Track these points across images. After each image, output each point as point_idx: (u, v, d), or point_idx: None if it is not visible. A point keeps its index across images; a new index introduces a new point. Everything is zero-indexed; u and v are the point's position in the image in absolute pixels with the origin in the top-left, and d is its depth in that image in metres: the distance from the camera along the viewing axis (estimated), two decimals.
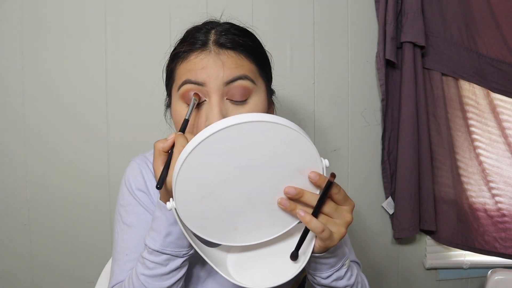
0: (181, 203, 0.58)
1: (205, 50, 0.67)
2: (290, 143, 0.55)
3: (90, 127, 1.16)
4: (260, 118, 0.54)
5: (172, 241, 0.63)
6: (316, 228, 0.57)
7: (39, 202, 1.15)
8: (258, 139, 0.55)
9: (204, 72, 0.66)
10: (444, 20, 1.26)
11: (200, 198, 0.58)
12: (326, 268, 0.66)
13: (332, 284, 0.67)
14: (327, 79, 1.29)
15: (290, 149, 0.56)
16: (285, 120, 0.55)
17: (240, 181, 0.57)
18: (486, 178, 1.32)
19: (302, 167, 0.57)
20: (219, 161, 0.55)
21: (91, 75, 1.16)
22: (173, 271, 0.65)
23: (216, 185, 0.57)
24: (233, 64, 0.67)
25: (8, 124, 1.13)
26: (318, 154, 0.57)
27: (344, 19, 1.29)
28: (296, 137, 0.55)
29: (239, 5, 1.21)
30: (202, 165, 0.55)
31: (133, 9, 1.17)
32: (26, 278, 1.16)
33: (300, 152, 0.56)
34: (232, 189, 0.58)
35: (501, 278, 1.16)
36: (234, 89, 0.66)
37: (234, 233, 0.62)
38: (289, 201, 0.58)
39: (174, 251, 0.64)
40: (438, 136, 1.29)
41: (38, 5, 1.13)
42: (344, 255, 0.67)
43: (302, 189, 0.58)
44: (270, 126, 0.54)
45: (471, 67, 1.27)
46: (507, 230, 1.31)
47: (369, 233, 1.35)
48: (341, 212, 0.60)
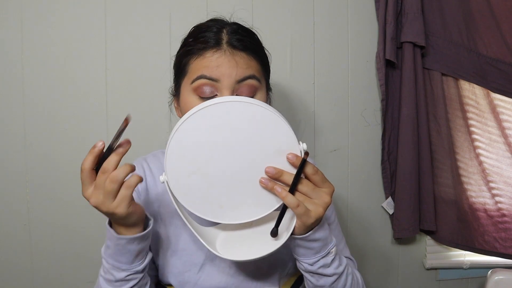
0: (171, 178, 0.64)
1: (220, 49, 0.74)
2: (271, 126, 0.62)
3: (90, 127, 1.16)
4: (244, 99, 0.61)
5: (110, 254, 0.67)
6: (291, 203, 0.62)
7: (39, 202, 1.15)
8: (241, 119, 0.61)
9: (219, 70, 0.72)
10: (444, 20, 1.26)
11: (188, 174, 0.63)
12: (311, 254, 0.69)
13: (319, 270, 0.70)
14: (327, 79, 1.29)
15: (269, 131, 0.62)
16: (267, 104, 0.62)
17: (225, 159, 0.63)
18: (486, 178, 1.32)
19: (281, 148, 0.63)
20: (203, 139, 0.62)
21: (91, 75, 1.16)
22: (120, 281, 0.68)
23: (203, 162, 0.63)
24: (245, 64, 0.74)
25: (8, 124, 1.13)
26: (296, 138, 0.63)
27: (344, 19, 1.29)
28: (275, 120, 0.62)
29: (239, 5, 1.21)
30: (189, 141, 0.62)
31: (133, 9, 1.17)
32: (26, 278, 1.16)
33: (280, 134, 0.62)
34: (217, 167, 0.63)
35: (501, 278, 1.16)
36: (244, 87, 0.73)
37: (220, 210, 0.67)
38: (269, 180, 0.63)
39: (114, 264, 0.67)
40: (438, 136, 1.29)
41: (38, 5, 1.13)
42: (329, 241, 0.70)
43: (282, 169, 0.63)
44: (252, 108, 0.61)
45: (471, 67, 1.27)
46: (507, 230, 1.31)
47: (369, 233, 1.35)
48: (319, 193, 0.64)
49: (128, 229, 0.65)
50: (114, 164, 0.61)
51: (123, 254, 0.66)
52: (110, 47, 1.16)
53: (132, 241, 0.65)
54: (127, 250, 0.66)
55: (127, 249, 0.66)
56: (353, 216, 1.33)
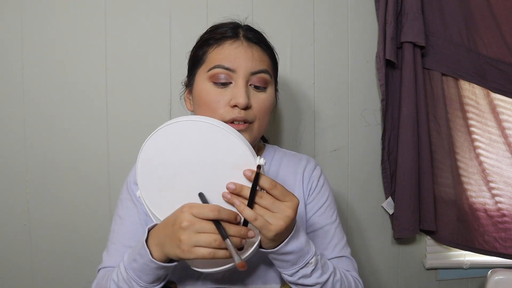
0: (145, 193, 0.68)
1: (238, 40, 0.79)
2: (223, 142, 0.64)
3: (90, 127, 1.16)
4: (193, 118, 0.65)
5: (134, 268, 0.67)
6: (248, 216, 0.63)
7: (39, 202, 1.15)
8: (199, 137, 0.64)
9: (236, 61, 0.77)
10: (444, 20, 1.26)
11: (158, 189, 0.67)
12: (288, 266, 0.70)
13: (299, 281, 0.70)
14: (327, 79, 1.29)
15: (224, 148, 0.64)
16: (221, 123, 0.65)
17: (189, 175, 0.66)
18: (486, 178, 1.32)
19: (239, 164, 0.65)
20: (168, 156, 0.65)
21: (91, 75, 1.16)
22: None
23: (170, 177, 0.66)
24: (259, 58, 0.79)
25: (8, 124, 1.13)
26: (251, 153, 0.65)
27: (344, 19, 1.29)
28: (226, 136, 0.64)
29: (239, 5, 1.21)
30: (155, 160, 0.66)
31: (133, 9, 1.17)
32: (26, 278, 1.16)
33: (233, 151, 0.65)
34: (183, 182, 0.66)
35: (501, 278, 1.16)
36: (257, 79, 0.78)
37: None
38: (230, 194, 0.65)
39: (134, 278, 0.67)
40: (438, 136, 1.29)
41: (38, 5, 1.13)
42: (306, 252, 0.69)
43: (242, 185, 0.65)
44: (202, 125, 0.64)
45: (471, 67, 1.27)
46: (507, 230, 1.31)
47: (369, 233, 1.35)
48: (280, 206, 0.65)
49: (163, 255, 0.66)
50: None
51: (148, 275, 0.67)
52: (110, 47, 1.16)
53: (163, 268, 0.66)
54: (153, 273, 0.67)
55: (154, 273, 0.66)
56: (353, 216, 1.33)
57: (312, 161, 0.92)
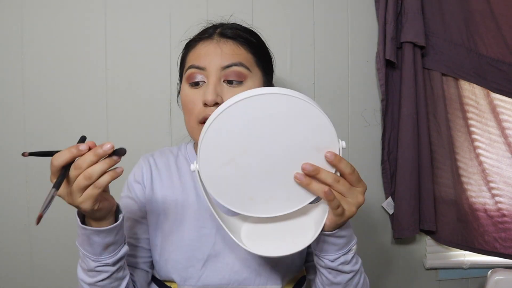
0: (204, 167, 0.62)
1: (210, 39, 0.78)
2: (310, 121, 0.58)
3: (90, 127, 1.16)
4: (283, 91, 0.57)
5: (80, 242, 0.66)
6: (334, 205, 0.61)
7: (39, 203, 1.15)
8: (280, 112, 0.58)
9: (206, 58, 0.76)
10: (444, 20, 1.26)
11: (221, 164, 0.61)
12: (334, 250, 0.68)
13: (338, 267, 0.69)
14: (327, 79, 1.29)
15: (309, 126, 0.58)
16: (309, 98, 0.58)
17: (260, 152, 0.60)
18: (486, 178, 1.32)
19: (320, 145, 0.60)
20: (241, 130, 0.59)
21: (91, 75, 1.16)
22: (91, 271, 0.67)
23: (237, 153, 0.60)
24: (230, 51, 0.76)
25: (8, 124, 1.13)
26: (336, 135, 0.60)
27: (344, 19, 1.29)
28: (316, 115, 0.58)
29: (239, 5, 1.21)
30: (225, 132, 0.59)
31: (133, 9, 1.17)
32: (26, 278, 1.16)
33: (319, 130, 0.59)
34: (251, 159, 0.61)
35: (501, 278, 1.16)
36: (230, 73, 0.75)
37: (249, 202, 0.65)
38: (305, 176, 0.61)
39: (84, 253, 0.66)
40: (438, 136, 1.29)
41: (38, 5, 1.13)
42: (352, 239, 0.70)
43: (319, 167, 0.60)
44: (292, 100, 0.57)
45: (471, 67, 1.27)
46: (507, 230, 1.31)
47: (369, 233, 1.35)
48: (354, 192, 0.63)
49: (97, 222, 0.64)
50: (88, 163, 0.58)
51: (90, 245, 0.65)
52: (110, 47, 1.16)
53: (96, 233, 0.64)
54: (92, 242, 0.64)
55: (92, 241, 0.64)
56: (353, 216, 1.33)
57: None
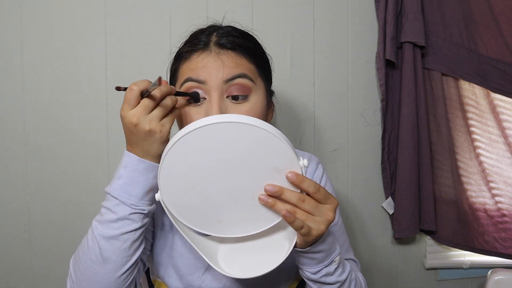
0: (166, 195, 0.62)
1: (206, 50, 0.71)
2: (268, 144, 0.58)
3: (90, 127, 1.16)
4: (238, 119, 0.57)
5: (121, 184, 0.63)
6: (297, 227, 0.59)
7: (39, 202, 1.15)
8: (236, 139, 0.58)
9: (205, 71, 0.69)
10: (444, 20, 1.26)
11: (184, 191, 0.61)
12: (314, 264, 0.67)
13: (321, 279, 0.68)
14: (327, 79, 1.29)
15: (267, 149, 0.58)
16: (264, 123, 0.58)
17: (221, 177, 0.60)
18: (486, 178, 1.32)
19: (280, 166, 0.59)
20: (198, 157, 0.59)
21: (91, 75, 1.16)
22: (120, 221, 0.64)
23: (198, 180, 0.60)
24: (233, 63, 0.70)
25: (8, 124, 1.13)
26: (295, 155, 0.59)
27: (344, 19, 1.29)
28: (272, 139, 0.58)
29: (239, 5, 1.21)
30: (182, 160, 0.59)
31: (133, 10, 1.17)
32: (26, 278, 1.16)
33: (278, 152, 0.59)
34: (213, 185, 0.61)
35: (501, 278, 1.16)
36: (233, 86, 0.69)
37: (219, 225, 0.65)
38: (269, 197, 0.61)
39: (121, 195, 0.63)
40: (438, 136, 1.29)
41: (38, 5, 1.13)
42: (333, 251, 0.68)
43: (282, 187, 0.60)
44: (247, 128, 0.57)
45: (471, 67, 1.27)
46: (507, 230, 1.31)
47: (369, 233, 1.35)
48: (321, 210, 0.62)
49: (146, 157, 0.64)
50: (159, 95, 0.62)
51: (136, 184, 0.63)
52: (110, 47, 1.16)
53: (151, 168, 0.63)
54: (143, 179, 0.63)
55: (143, 178, 0.63)
56: (353, 216, 1.33)
57: (314, 160, 0.90)
